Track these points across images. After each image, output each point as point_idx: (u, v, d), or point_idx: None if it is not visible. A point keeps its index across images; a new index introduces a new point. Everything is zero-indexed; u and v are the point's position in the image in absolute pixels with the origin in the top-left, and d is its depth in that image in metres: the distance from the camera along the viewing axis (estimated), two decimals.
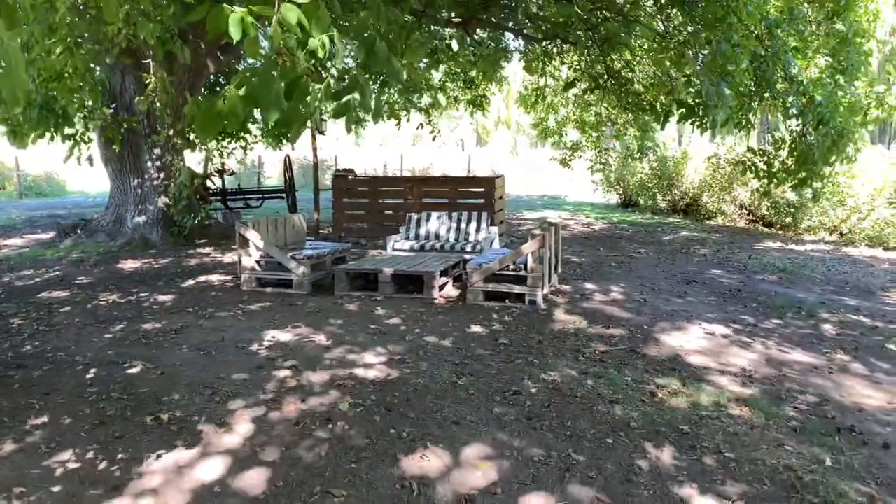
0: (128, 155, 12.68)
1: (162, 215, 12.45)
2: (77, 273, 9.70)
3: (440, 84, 20.64)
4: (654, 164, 19.79)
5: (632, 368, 5.76)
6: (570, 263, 10.83)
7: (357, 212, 13.07)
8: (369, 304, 7.78)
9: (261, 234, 8.59)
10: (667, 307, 8.00)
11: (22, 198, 25.06)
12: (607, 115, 18.54)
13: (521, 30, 10.86)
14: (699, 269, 10.65)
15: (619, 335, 6.75)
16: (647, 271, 10.33)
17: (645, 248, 12.91)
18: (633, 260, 11.37)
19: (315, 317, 7.17)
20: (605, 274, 10.01)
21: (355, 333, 6.54)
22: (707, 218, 17.74)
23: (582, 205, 22.57)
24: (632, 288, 9.03)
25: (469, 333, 6.66)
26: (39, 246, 12.50)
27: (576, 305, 7.94)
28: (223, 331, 6.55)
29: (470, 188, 13.01)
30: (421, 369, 5.52)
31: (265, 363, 5.58)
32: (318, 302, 7.90)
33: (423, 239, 10.23)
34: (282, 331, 6.56)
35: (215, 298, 8.06)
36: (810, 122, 9.58)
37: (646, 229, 15.83)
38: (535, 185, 30.62)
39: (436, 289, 8.07)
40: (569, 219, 18.23)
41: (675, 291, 8.88)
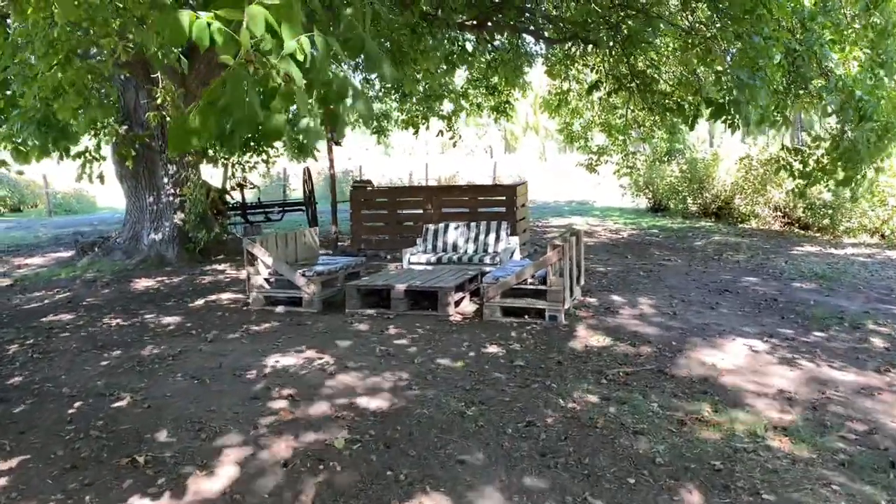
0: (143, 171, 12.48)
1: (178, 232, 12.22)
2: (87, 294, 9.47)
3: (462, 90, 20.32)
4: (683, 166, 19.17)
5: (658, 392, 5.29)
6: (595, 273, 10.35)
7: (376, 223, 12.72)
8: (381, 323, 7.39)
9: (269, 251, 8.26)
10: (698, 320, 7.50)
11: (51, 215, 25.19)
12: (633, 117, 18.01)
13: (539, 31, 10.44)
14: (732, 276, 10.10)
15: (646, 353, 6.27)
16: (676, 280, 9.80)
17: (675, 254, 12.36)
18: (662, 268, 10.85)
19: (322, 338, 6.80)
20: (633, 284, 9.52)
21: (362, 356, 6.15)
22: (740, 221, 17.10)
23: (610, 210, 22.00)
24: (660, 299, 8.53)
25: (484, 354, 6.23)
26: (57, 265, 12.34)
27: (600, 320, 7.47)
28: (223, 356, 6.20)
29: (491, 196, 12.59)
30: (428, 397, 5.11)
31: (262, 393, 5.21)
32: (327, 321, 7.54)
33: (440, 251, 9.82)
34: (285, 355, 6.19)
35: (222, 319, 7.74)
36: (851, 119, 8.99)
37: (676, 234, 15.26)
38: (563, 191, 30.04)
39: (451, 305, 7.66)
40: (596, 225, 17.71)
41: (707, 302, 8.36)
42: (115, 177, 12.85)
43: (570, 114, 19.62)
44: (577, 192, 29.66)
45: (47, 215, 25.13)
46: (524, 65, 17.48)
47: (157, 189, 12.46)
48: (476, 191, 13.14)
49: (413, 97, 19.76)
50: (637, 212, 20.97)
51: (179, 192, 12.28)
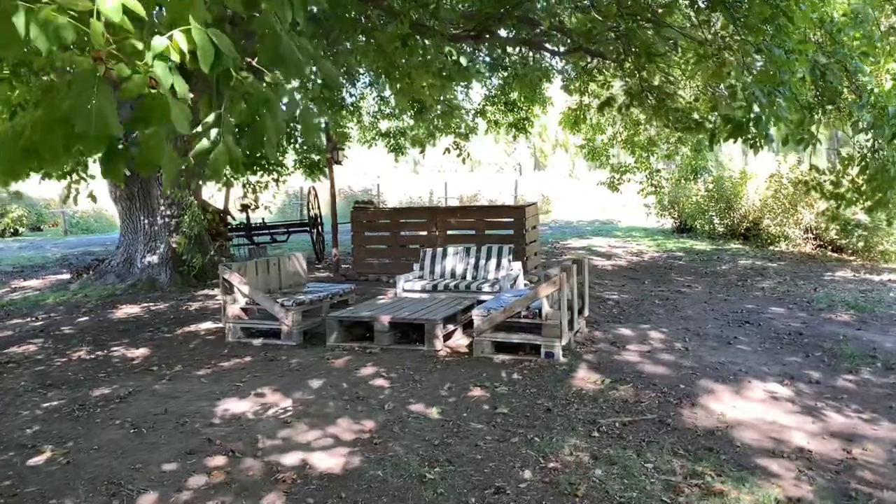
0: (137, 192, 12.06)
1: (171, 255, 11.75)
2: (64, 322, 8.99)
3: (480, 107, 19.79)
4: (710, 185, 18.34)
5: (657, 449, 4.58)
6: (606, 302, 9.63)
7: (378, 246, 12.13)
8: (361, 359, 6.76)
9: (248, 278, 7.70)
10: (711, 358, 6.76)
11: (66, 235, 25.08)
12: (657, 133, 17.29)
13: (542, 43, 9.82)
14: (755, 306, 9.31)
15: (648, 399, 5.56)
16: (694, 310, 9.05)
17: (696, 280, 11.58)
18: (680, 296, 10.09)
19: (291, 377, 6.18)
20: (645, 314, 8.78)
21: (328, 400, 5.52)
22: (769, 243, 16.21)
23: (634, 230, 21.19)
24: (673, 332, 7.80)
25: (465, 399, 5.57)
26: (51, 288, 11.95)
27: (603, 357, 6.76)
28: (175, 398, 5.62)
29: (499, 218, 11.93)
30: (388, 455, 4.46)
31: (201, 446, 4.60)
32: (304, 356, 6.93)
33: (437, 277, 9.19)
34: (242, 398, 5.59)
35: (192, 353, 7.17)
36: (885, 137, 8.22)
37: (700, 257, 14.45)
38: (589, 210, 29.25)
39: (439, 339, 7.01)
40: (617, 247, 16.95)
41: (724, 337, 7.61)
42: (110, 197, 12.45)
43: (592, 130, 18.97)
44: (603, 212, 28.88)
45: (63, 235, 25.01)
46: (542, 80, 16.90)
47: (151, 210, 12.02)
48: (483, 212, 12.50)
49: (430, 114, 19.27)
50: (662, 232, 20.14)
51: (174, 214, 11.83)
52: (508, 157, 61.92)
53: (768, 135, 7.65)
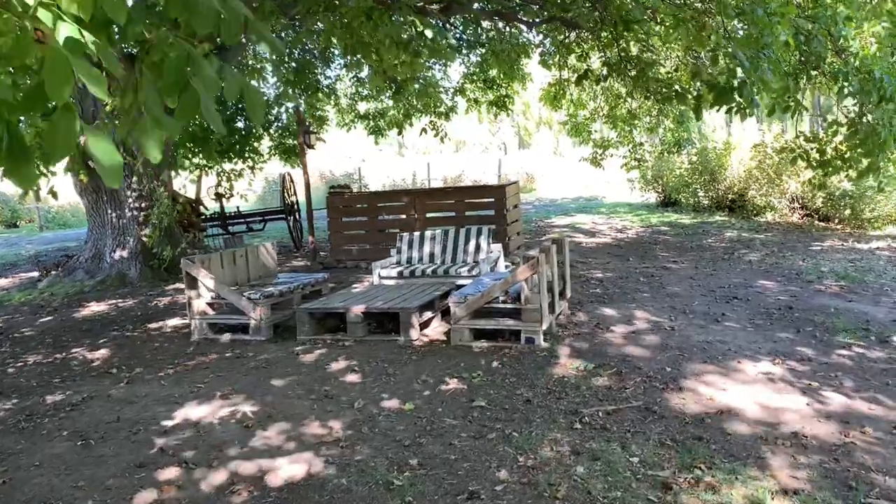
0: (103, 184, 11.62)
1: (141, 248, 11.34)
2: (25, 323, 8.61)
3: (459, 85, 19.38)
4: (693, 157, 18.05)
5: (642, 440, 4.29)
6: (590, 281, 9.33)
7: (356, 231, 11.77)
8: (333, 353, 6.43)
9: (213, 271, 7.34)
10: (699, 337, 6.47)
11: (42, 231, 24.52)
12: (640, 106, 16.97)
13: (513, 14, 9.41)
14: (743, 279, 9.03)
15: (634, 384, 5.27)
16: (680, 287, 8.77)
17: (682, 255, 11.30)
18: (665, 272, 9.80)
19: (258, 376, 5.85)
20: (630, 293, 8.49)
21: (296, 401, 5.20)
22: (755, 214, 15.95)
23: (618, 206, 20.89)
24: (659, 311, 7.51)
25: (441, 392, 5.26)
26: (18, 287, 11.53)
27: (586, 341, 6.47)
28: (132, 403, 5.28)
29: (479, 198, 11.59)
30: (355, 459, 4.14)
31: (153, 458, 4.27)
32: (273, 352, 6.60)
33: (415, 263, 8.85)
34: (204, 402, 5.25)
35: (155, 352, 6.82)
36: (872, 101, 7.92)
37: (686, 231, 14.18)
38: (573, 188, 28.90)
39: (415, 328, 6.69)
40: (601, 224, 16.65)
41: (712, 314, 7.33)
42: (75, 191, 12.02)
43: (574, 105, 18.62)
44: (587, 189, 28.55)
45: (39, 231, 24.46)
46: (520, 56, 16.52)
47: (119, 203, 11.60)
48: (462, 193, 12.15)
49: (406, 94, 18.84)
50: (647, 207, 19.84)
51: (143, 206, 11.42)
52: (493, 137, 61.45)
53: (754, 101, 7.34)
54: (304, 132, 11.57)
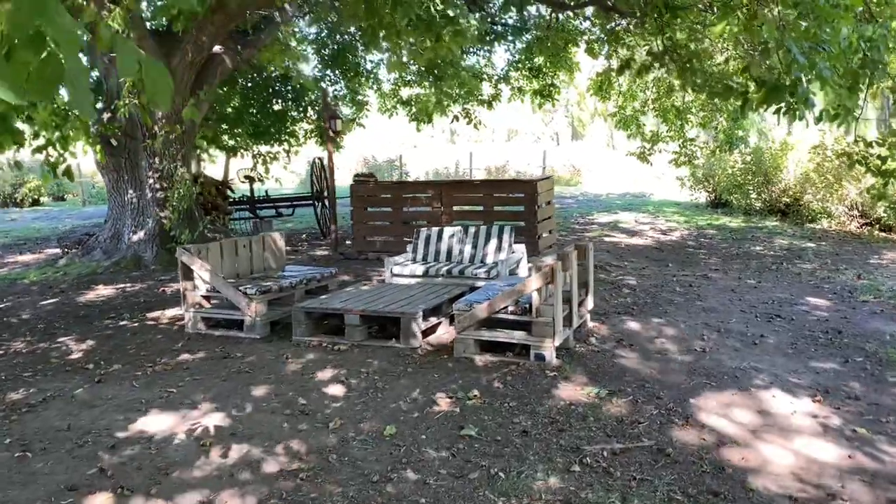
0: (125, 163, 11.35)
1: (159, 230, 11.02)
2: (27, 305, 8.33)
3: (503, 73, 18.73)
4: (746, 157, 17.07)
5: (648, 491, 3.68)
6: (621, 288, 8.66)
7: (380, 223, 11.26)
8: (325, 358, 5.93)
9: (211, 262, 6.90)
10: (731, 362, 5.78)
11: (85, 205, 24.67)
12: (693, 100, 16.08)
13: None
14: (789, 294, 8.25)
15: (649, 418, 4.63)
16: (718, 300, 8.04)
17: (726, 262, 10.51)
18: (705, 282, 9.06)
19: (237, 382, 5.38)
20: (662, 304, 7.80)
21: (267, 415, 4.70)
22: (810, 220, 14.94)
23: (666, 205, 19.99)
24: (691, 328, 6.82)
25: (428, 415, 4.70)
26: (39, 264, 11.35)
27: (603, 360, 5.83)
28: (92, 407, 4.85)
29: (508, 193, 10.96)
30: (310, 497, 3.62)
31: (87, 481, 3.80)
32: (263, 353, 6.12)
33: (431, 261, 8.30)
34: (168, 410, 4.79)
35: (140, 346, 6.41)
36: None
37: (734, 236, 13.31)
38: (622, 182, 27.92)
39: (417, 335, 6.14)
40: (645, 223, 15.84)
41: (750, 334, 6.61)
42: (97, 168, 11.76)
43: (624, 97, 17.80)
44: (636, 184, 27.55)
45: (81, 205, 24.60)
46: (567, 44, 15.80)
47: (139, 183, 11.30)
48: (491, 186, 11.52)
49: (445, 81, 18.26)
50: (695, 207, 18.91)
51: (163, 187, 11.09)
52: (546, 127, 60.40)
53: (809, 100, 6.57)
54: (329, 117, 11.07)
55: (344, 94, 18.88)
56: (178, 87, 11.06)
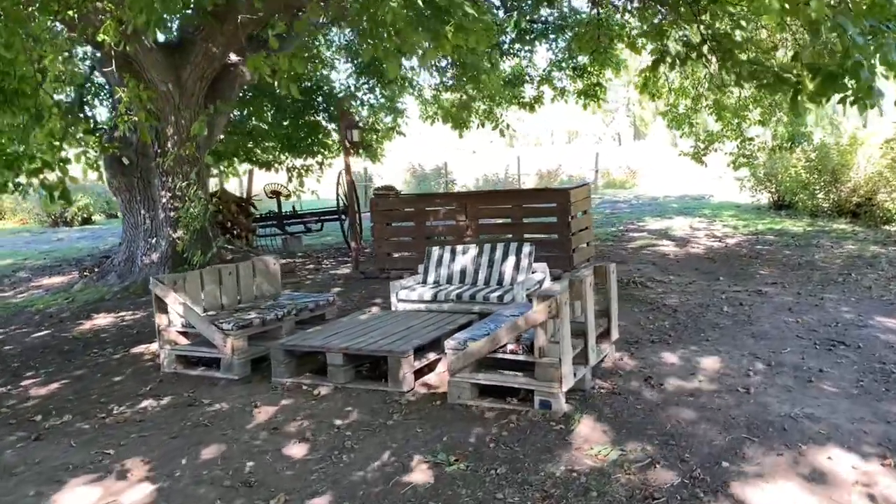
0: (137, 183, 10.89)
1: (172, 252, 10.50)
2: (17, 338, 7.88)
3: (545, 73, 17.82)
4: (811, 154, 15.70)
5: None
6: (660, 309, 7.67)
7: (402, 238, 10.48)
8: (300, 405, 5.17)
9: (189, 292, 6.23)
10: (780, 407, 4.78)
11: None
12: (750, 95, 14.83)
13: None
14: (857, 314, 7.12)
15: (669, 490, 3.70)
16: (772, 322, 6.98)
17: (785, 274, 9.37)
18: (758, 299, 7.98)
19: (188, 438, 4.66)
20: (705, 329, 6.80)
21: (201, 488, 3.95)
22: (885, 222, 13.52)
23: (725, 207, 18.67)
24: (735, 360, 5.82)
25: (394, 489, 3.87)
26: (55, 289, 10.99)
27: (623, 405, 4.91)
28: (10, 476, 4.19)
29: (539, 203, 10.05)
30: None
31: None
32: (233, 399, 5.40)
33: (443, 283, 7.47)
34: (93, 481, 4.08)
35: (104, 390, 5.79)
36: None
37: (796, 242, 12.07)
38: (681, 184, 26.49)
39: (406, 377, 5.33)
40: (700, 228, 14.66)
41: (805, 368, 5.57)
42: (109, 189, 11.36)
43: (676, 93, 16.64)
44: (696, 185, 26.10)
45: None
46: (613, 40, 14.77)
47: (153, 203, 10.81)
48: (520, 197, 10.64)
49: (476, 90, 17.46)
50: (757, 210, 17.56)
51: (174, 207, 10.57)
52: (607, 128, 58.93)
53: (873, 89, 5.54)
54: (346, 127, 10.37)
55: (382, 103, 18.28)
56: (188, 101, 10.54)
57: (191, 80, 10.47)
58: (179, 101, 10.48)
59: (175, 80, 10.35)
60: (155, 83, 10.26)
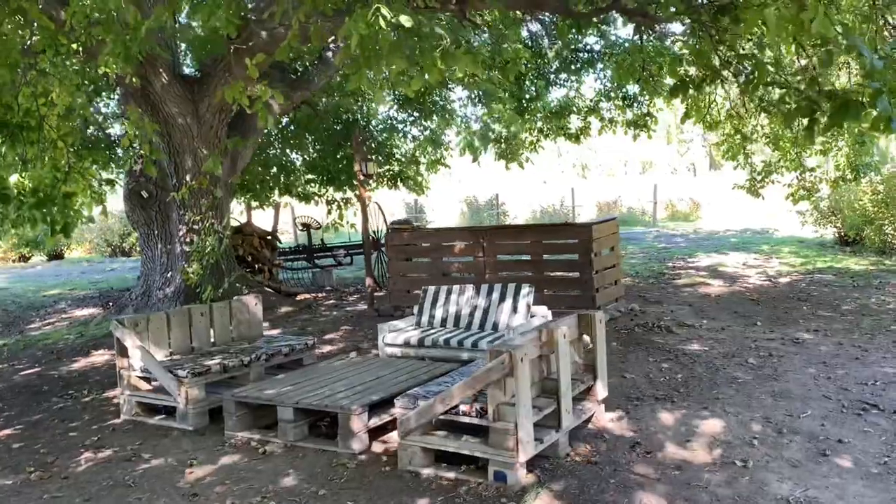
0: (155, 216, 10.77)
1: (185, 286, 10.29)
2: (6, 374, 7.69)
3: (592, 103, 17.21)
4: (878, 185, 14.55)
5: None
6: (679, 357, 6.94)
7: (418, 275, 10.00)
8: (239, 465, 4.71)
9: (153, 336, 5.89)
10: (778, 488, 4.05)
11: None
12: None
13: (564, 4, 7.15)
14: None
15: None
16: (799, 378, 6.17)
17: (832, 320, 8.45)
18: (793, 349, 7.14)
19: (103, 501, 4.24)
20: (720, 385, 6.05)
21: None
22: None
23: (787, 243, 17.54)
24: (742, 424, 5.08)
25: None
26: (76, 322, 10.94)
27: (594, 479, 4.26)
28: None
29: (559, 240, 9.42)
30: None
31: None
32: (178, 454, 4.99)
33: (435, 326, 6.94)
34: None
35: (53, 439, 5.48)
36: None
37: (854, 282, 11.05)
38: (747, 217, 25.08)
39: (357, 437, 4.80)
40: (754, 265, 13.70)
41: (822, 438, 4.79)
42: (128, 220, 11.30)
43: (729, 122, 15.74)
44: (763, 219, 24.72)
45: None
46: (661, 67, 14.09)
47: (170, 237, 10.67)
48: (539, 232, 9.97)
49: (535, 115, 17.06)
50: (820, 246, 16.38)
51: (190, 241, 10.39)
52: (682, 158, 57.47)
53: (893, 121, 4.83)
54: (360, 160, 10.01)
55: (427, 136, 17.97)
56: (206, 134, 10.40)
57: (209, 114, 10.34)
58: (197, 135, 10.35)
59: (193, 112, 10.23)
60: (173, 116, 10.17)
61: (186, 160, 10.36)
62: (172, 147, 10.34)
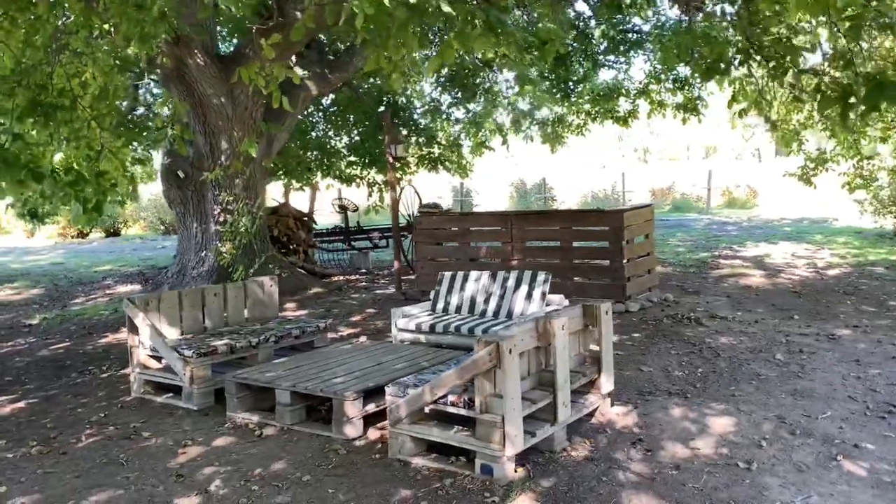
0: (191, 196, 10.90)
1: (218, 265, 10.41)
2: (34, 349, 7.91)
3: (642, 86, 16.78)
4: None
5: None
6: (703, 351, 6.70)
7: (445, 259, 9.90)
8: (232, 448, 4.70)
9: (164, 315, 5.94)
10: (779, 494, 3.84)
11: None
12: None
13: None
14: None
15: None
16: (826, 376, 5.87)
17: (874, 316, 8.05)
18: (826, 345, 6.82)
19: (90, 478, 4.28)
20: (741, 380, 5.80)
21: None
22: None
23: (843, 233, 16.84)
24: (755, 423, 4.85)
25: None
26: (119, 297, 11.20)
27: (587, 478, 4.11)
28: None
29: (589, 226, 9.19)
30: None
31: None
32: (177, 432, 5.02)
33: (451, 313, 6.84)
34: None
35: (62, 414, 5.57)
36: None
37: None
38: (807, 205, 24.11)
39: (352, 422, 4.75)
40: (803, 257, 13.16)
41: (838, 440, 4.53)
42: (165, 200, 11.47)
43: (785, 108, 15.12)
44: (825, 207, 23.71)
45: None
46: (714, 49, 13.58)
47: (205, 216, 10.80)
48: (569, 218, 9.76)
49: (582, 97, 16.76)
50: (879, 237, 15.67)
51: (225, 220, 10.50)
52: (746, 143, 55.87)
53: None
54: (390, 143, 9.93)
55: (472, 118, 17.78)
56: (241, 115, 10.46)
57: (243, 95, 10.38)
58: (232, 115, 10.41)
59: (228, 93, 10.29)
60: (208, 97, 10.25)
61: (221, 141, 10.44)
62: (208, 127, 10.43)
